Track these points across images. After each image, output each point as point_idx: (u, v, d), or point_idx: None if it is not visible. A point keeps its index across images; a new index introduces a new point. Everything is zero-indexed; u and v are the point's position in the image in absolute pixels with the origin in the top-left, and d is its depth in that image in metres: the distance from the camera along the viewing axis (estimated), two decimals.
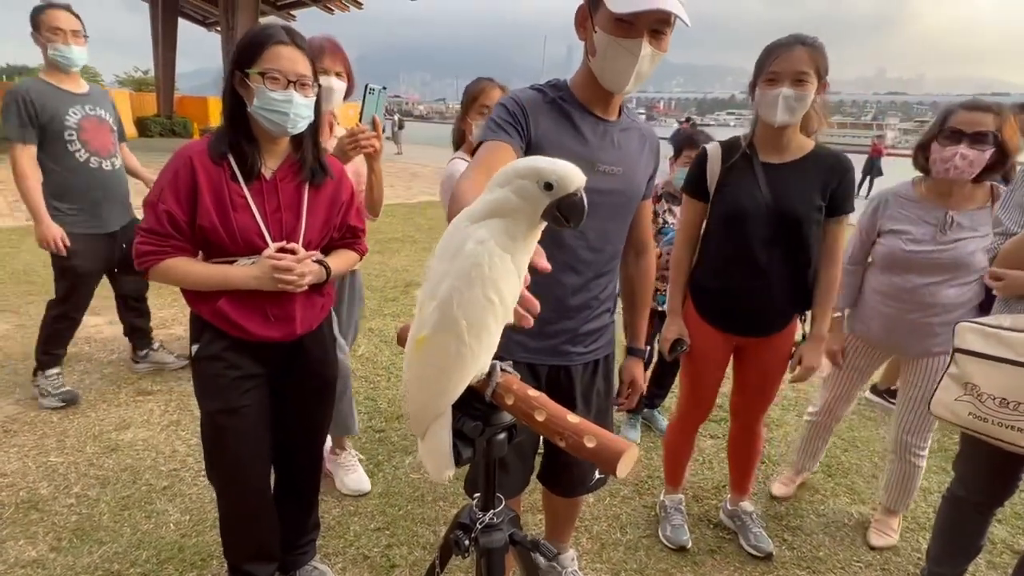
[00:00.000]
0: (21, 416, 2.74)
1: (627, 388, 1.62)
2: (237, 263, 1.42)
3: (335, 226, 1.58)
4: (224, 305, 1.42)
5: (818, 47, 1.63)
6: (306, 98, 1.39)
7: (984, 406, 1.48)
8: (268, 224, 1.42)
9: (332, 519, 2.17)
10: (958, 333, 1.54)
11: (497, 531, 0.77)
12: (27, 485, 2.25)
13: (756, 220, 1.74)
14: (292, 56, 1.36)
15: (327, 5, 18.33)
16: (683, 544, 2.10)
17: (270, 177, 1.44)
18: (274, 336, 1.47)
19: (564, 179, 0.69)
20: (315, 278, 1.49)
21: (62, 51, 2.51)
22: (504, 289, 0.71)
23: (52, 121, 2.50)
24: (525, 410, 0.74)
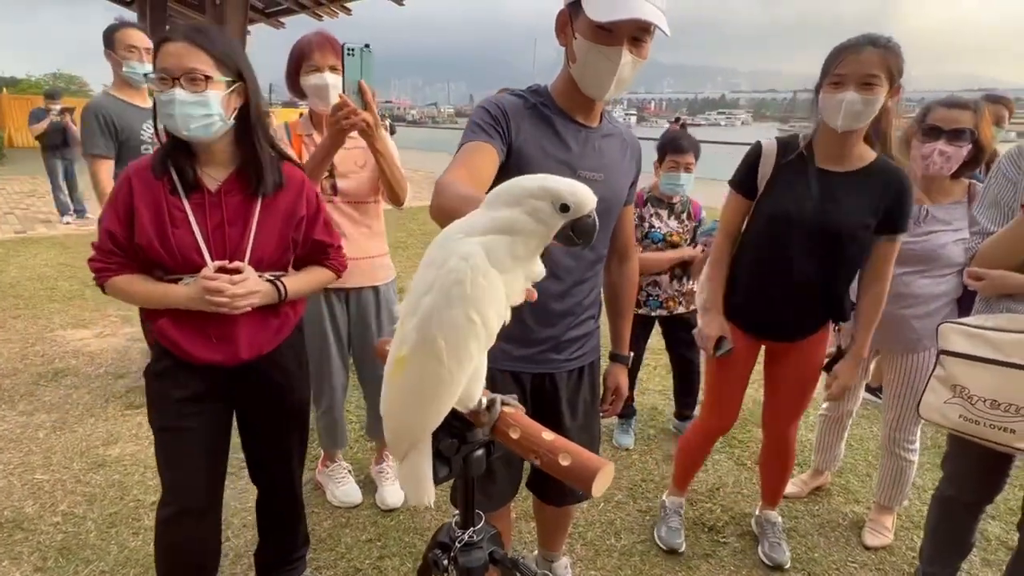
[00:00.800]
0: (7, 433, 2.70)
1: (611, 395, 1.60)
2: (182, 281, 1.35)
3: (297, 241, 1.48)
4: (165, 324, 1.37)
5: (891, 48, 1.51)
6: (196, 94, 1.24)
7: (975, 408, 1.47)
8: (209, 240, 1.34)
9: (323, 531, 2.15)
10: (942, 334, 1.54)
11: (477, 549, 0.76)
12: (12, 504, 2.22)
13: (799, 227, 1.66)
14: (179, 51, 1.24)
15: (315, 12, 18.29)
16: (675, 547, 2.09)
17: (215, 189, 1.36)
18: (216, 359, 1.39)
19: (581, 201, 0.68)
20: (264, 299, 1.40)
21: (135, 68, 2.60)
22: (487, 310, 0.68)
23: (130, 137, 2.59)
24: (500, 427, 0.72)
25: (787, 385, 1.95)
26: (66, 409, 2.93)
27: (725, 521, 2.29)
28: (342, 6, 19.85)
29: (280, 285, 1.43)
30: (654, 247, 2.62)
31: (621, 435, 2.90)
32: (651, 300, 2.69)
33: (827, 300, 1.77)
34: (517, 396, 0.78)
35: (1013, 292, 1.52)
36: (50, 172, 7.59)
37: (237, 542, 2.05)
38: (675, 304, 2.70)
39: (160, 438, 1.46)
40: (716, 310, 1.90)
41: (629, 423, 2.95)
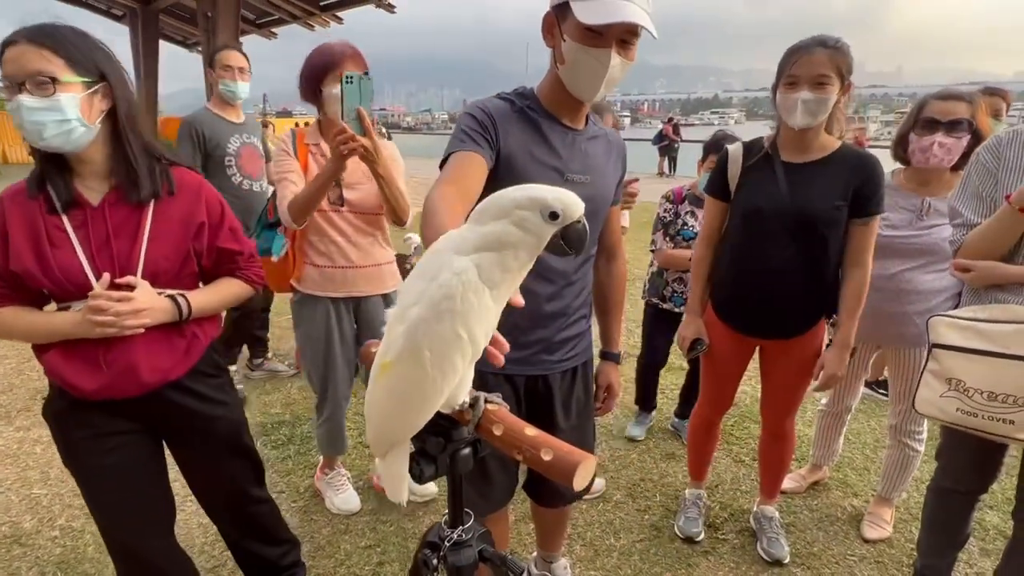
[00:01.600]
0: (4, 449, 2.69)
1: (603, 393, 1.61)
2: (73, 307, 1.22)
3: (199, 251, 1.35)
4: (53, 358, 1.23)
5: (840, 48, 1.59)
6: (45, 99, 1.11)
7: (972, 401, 1.46)
8: (95, 258, 1.21)
9: (323, 538, 2.15)
10: (932, 328, 1.54)
11: (466, 548, 0.76)
12: (9, 519, 2.21)
13: (773, 218, 1.72)
14: (20, 55, 1.11)
15: (307, 22, 18.35)
16: (691, 535, 2.13)
17: (97, 203, 1.23)
18: (112, 392, 1.25)
19: (569, 208, 0.68)
20: (161, 317, 1.26)
21: (230, 86, 2.84)
22: (475, 326, 0.69)
23: (216, 148, 2.82)
24: (484, 425, 0.73)
25: (781, 381, 1.97)
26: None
27: (724, 518, 2.30)
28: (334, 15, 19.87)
29: (180, 300, 1.30)
30: (685, 244, 2.63)
31: (634, 427, 2.93)
32: (675, 296, 2.69)
33: (812, 291, 1.79)
34: (500, 395, 0.78)
35: (1002, 282, 1.53)
36: None
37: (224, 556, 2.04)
38: None
39: (77, 479, 1.34)
40: (694, 312, 1.98)
41: (647, 417, 2.98)
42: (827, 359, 1.81)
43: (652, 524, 2.26)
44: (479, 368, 1.33)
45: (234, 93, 2.87)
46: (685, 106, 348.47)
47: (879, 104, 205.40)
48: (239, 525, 1.63)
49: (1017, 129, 1.53)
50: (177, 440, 1.46)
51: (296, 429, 2.89)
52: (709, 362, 2.04)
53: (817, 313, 1.84)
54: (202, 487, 1.55)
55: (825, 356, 1.82)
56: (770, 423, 2.08)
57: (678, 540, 2.16)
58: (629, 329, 4.13)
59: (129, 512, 1.37)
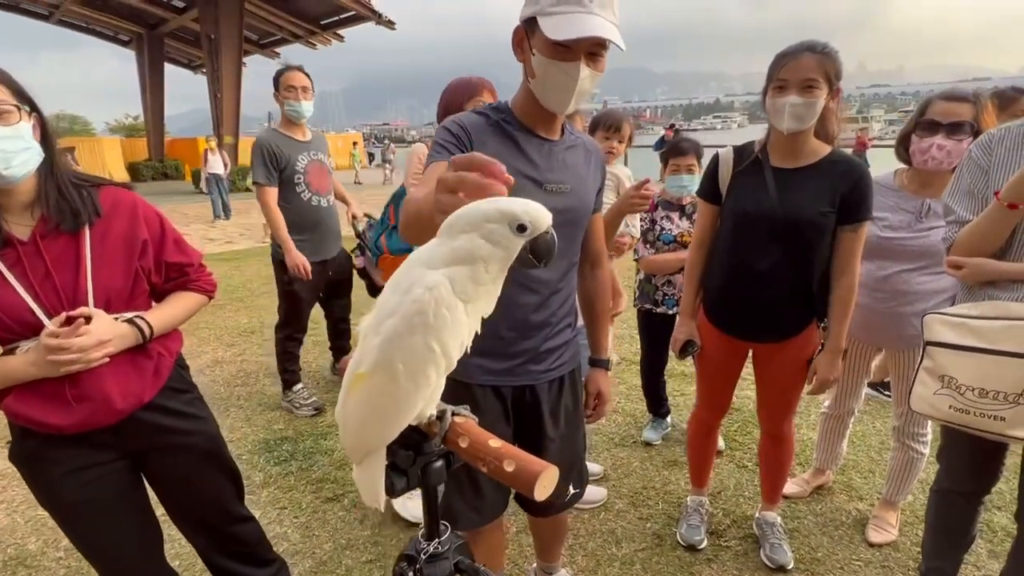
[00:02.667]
0: (9, 471, 2.71)
1: (593, 400, 1.61)
2: (20, 347, 1.18)
3: (147, 269, 1.32)
4: (11, 403, 1.18)
5: (828, 53, 1.60)
6: (9, 127, 1.10)
7: (964, 398, 1.46)
8: (39, 295, 1.16)
9: (324, 554, 2.15)
10: (927, 325, 1.54)
11: (442, 560, 0.76)
12: (15, 541, 2.23)
13: (760, 223, 1.74)
14: None
15: (309, 40, 18.67)
16: (693, 543, 2.11)
17: (28, 238, 1.18)
18: (86, 424, 1.22)
19: (537, 220, 0.68)
20: (122, 343, 1.24)
21: (294, 106, 2.95)
22: (447, 339, 0.69)
23: (287, 167, 2.95)
24: (450, 437, 0.74)
25: (774, 384, 1.97)
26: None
27: (727, 524, 2.28)
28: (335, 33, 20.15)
29: (140, 323, 1.28)
30: (666, 248, 2.66)
31: (649, 431, 2.94)
32: (667, 299, 2.71)
33: (799, 295, 1.79)
34: (468, 408, 0.79)
35: (994, 279, 1.52)
36: None
37: None
38: None
39: (59, 518, 1.31)
40: (687, 315, 2.00)
41: (662, 422, 2.99)
42: (819, 363, 1.81)
43: (654, 532, 2.24)
44: (466, 381, 1.35)
45: (298, 112, 2.96)
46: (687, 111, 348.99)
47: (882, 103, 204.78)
48: (220, 546, 1.59)
49: (1008, 126, 1.53)
50: (155, 461, 1.42)
51: (298, 445, 2.90)
52: (703, 365, 2.06)
53: (806, 316, 1.83)
54: (182, 508, 1.52)
55: (818, 361, 1.82)
56: (768, 426, 2.08)
57: (680, 548, 2.14)
58: (631, 336, 4.12)
59: (118, 544, 1.35)
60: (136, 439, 1.34)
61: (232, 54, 16.40)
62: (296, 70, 2.98)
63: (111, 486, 1.33)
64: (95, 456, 1.29)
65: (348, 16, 17.02)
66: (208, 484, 1.51)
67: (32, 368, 1.16)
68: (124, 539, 1.37)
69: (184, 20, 17.92)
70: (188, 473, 1.46)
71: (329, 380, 3.70)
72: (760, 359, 1.97)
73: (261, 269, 6.88)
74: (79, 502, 1.28)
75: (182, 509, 1.53)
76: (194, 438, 1.44)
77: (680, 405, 3.25)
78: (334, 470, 2.68)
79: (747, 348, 1.96)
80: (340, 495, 2.49)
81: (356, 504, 2.41)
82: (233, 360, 4.10)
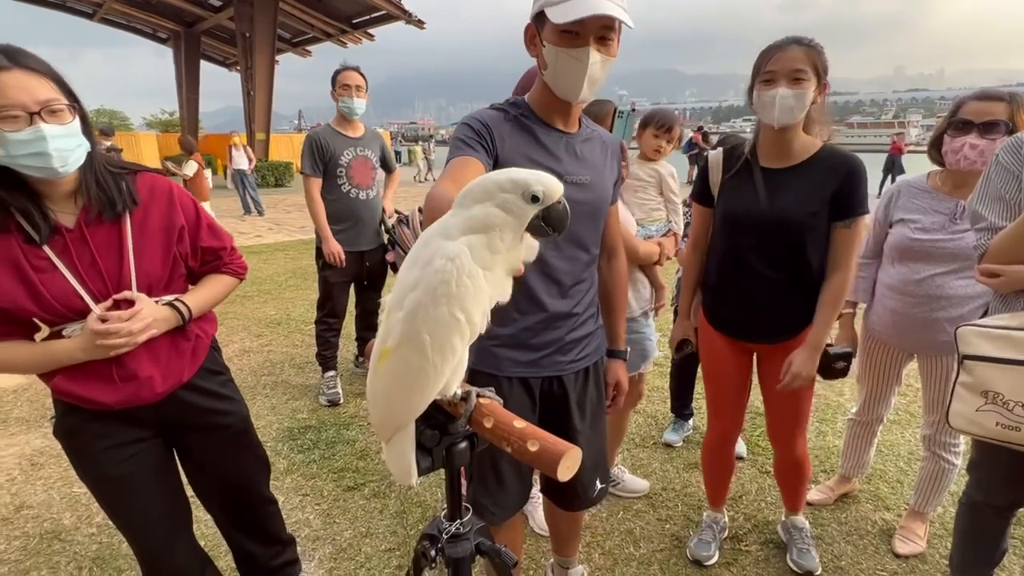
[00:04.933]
0: (48, 449, 2.83)
1: (612, 390, 1.61)
2: (66, 330, 1.23)
3: (185, 254, 1.37)
4: (60, 382, 1.23)
5: (814, 46, 1.59)
6: (64, 125, 1.13)
7: (1013, 414, 1.39)
8: (85, 280, 1.21)
9: (344, 541, 2.18)
10: (962, 338, 1.46)
11: (464, 540, 0.78)
12: (51, 516, 2.32)
13: (750, 225, 1.73)
14: (22, 82, 1.08)
15: (340, 39, 18.94)
16: (699, 559, 2.06)
17: (73, 226, 1.22)
18: (130, 401, 1.28)
19: (549, 189, 0.71)
20: (166, 326, 1.30)
21: (347, 103, 3.12)
22: (471, 308, 0.71)
23: (331, 160, 3.12)
24: (475, 418, 0.75)
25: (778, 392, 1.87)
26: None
27: (748, 529, 2.25)
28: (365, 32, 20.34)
29: (180, 306, 1.33)
30: None
31: (670, 433, 2.92)
32: None
33: (793, 295, 1.76)
34: (493, 390, 0.80)
35: None
36: None
37: None
38: None
39: (99, 492, 1.37)
40: (683, 315, 2.02)
41: (684, 424, 2.97)
42: (794, 357, 1.74)
43: (673, 534, 2.22)
44: (494, 372, 1.36)
45: (351, 109, 3.13)
46: (716, 114, 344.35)
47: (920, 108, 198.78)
48: (243, 524, 1.65)
49: None
50: (189, 439, 1.47)
51: (322, 434, 2.95)
52: (708, 373, 2.01)
53: (805, 317, 1.78)
54: (210, 485, 1.57)
55: (794, 354, 1.75)
56: (780, 446, 2.01)
57: None
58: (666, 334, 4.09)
59: (153, 518, 1.41)
60: (174, 417, 1.40)
61: (266, 52, 16.72)
62: (352, 70, 3.14)
63: (148, 462, 1.38)
64: (135, 432, 1.35)
65: (379, 16, 17.22)
66: (237, 464, 1.57)
67: (80, 353, 1.21)
68: (157, 513, 1.41)
69: (220, 18, 18.34)
70: (220, 452, 1.51)
71: (352, 373, 3.76)
72: (763, 363, 1.92)
73: (289, 263, 7.01)
74: (118, 476, 1.34)
75: (209, 486, 1.58)
76: (227, 418, 1.50)
77: (703, 409, 3.21)
78: (356, 459, 2.72)
79: (750, 352, 1.92)
80: (361, 484, 2.53)
81: (377, 493, 2.44)
82: (260, 350, 4.19)
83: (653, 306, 2.39)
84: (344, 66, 3.17)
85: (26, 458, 2.74)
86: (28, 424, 3.08)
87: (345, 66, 3.17)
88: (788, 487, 2.11)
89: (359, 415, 3.19)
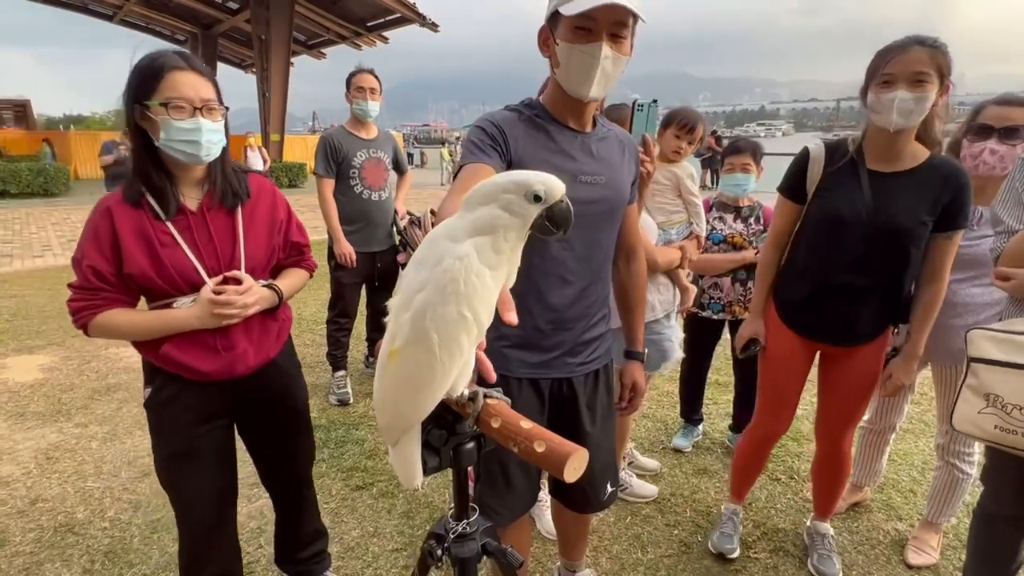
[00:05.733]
0: (63, 444, 2.87)
1: (628, 392, 1.60)
2: (175, 303, 1.36)
3: (279, 245, 1.54)
4: (170, 349, 1.36)
5: (939, 47, 1.51)
6: (215, 123, 1.34)
7: (1011, 417, 1.39)
8: (202, 257, 1.37)
9: (352, 540, 2.19)
10: (971, 341, 1.46)
11: (470, 541, 0.78)
12: (65, 510, 2.35)
13: (854, 229, 1.66)
14: (193, 82, 1.30)
15: (355, 42, 19.06)
16: (722, 551, 2.08)
17: (196, 209, 1.39)
18: (227, 372, 1.42)
19: (551, 189, 0.73)
20: (265, 304, 1.46)
21: (361, 105, 3.15)
22: (479, 306, 0.72)
23: (344, 161, 3.15)
24: (483, 418, 0.75)
25: (842, 391, 1.89)
26: (116, 421, 3.10)
27: (757, 536, 2.23)
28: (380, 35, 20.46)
29: (277, 289, 1.50)
30: (715, 248, 2.60)
31: (680, 438, 2.90)
32: (713, 304, 2.66)
33: (886, 302, 1.73)
34: (500, 390, 0.80)
35: None
36: None
37: (270, 549, 2.12)
38: (740, 309, 2.63)
39: (168, 465, 1.48)
40: (756, 313, 1.96)
41: (694, 430, 2.94)
42: (894, 367, 1.76)
43: (681, 540, 2.21)
44: (504, 374, 1.36)
45: (365, 111, 3.16)
46: (730, 118, 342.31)
47: None
48: (290, 503, 1.79)
49: None
50: (261, 416, 1.59)
51: (331, 433, 2.97)
52: (767, 368, 1.97)
53: (886, 322, 1.78)
54: (271, 460, 1.69)
55: (893, 364, 1.77)
56: (827, 439, 1.99)
57: (707, 557, 2.11)
58: None
59: (209, 496, 1.52)
60: (254, 395, 1.53)
61: (281, 54, 16.88)
62: (367, 73, 3.17)
63: (218, 441, 1.52)
64: (215, 410, 1.48)
65: (393, 18, 17.32)
66: (296, 443, 1.70)
67: (195, 320, 1.35)
68: (214, 492, 1.53)
69: (237, 21, 18.54)
70: (284, 429, 1.65)
71: (362, 373, 3.78)
72: (828, 364, 1.90)
73: None
74: (192, 450, 1.46)
75: (269, 462, 1.70)
76: (296, 399, 1.65)
77: (712, 414, 3.20)
78: (364, 459, 2.74)
79: (815, 350, 1.90)
80: (369, 484, 2.54)
81: (384, 493, 2.45)
82: None
83: (678, 309, 2.35)
84: (359, 69, 3.20)
85: (41, 452, 2.79)
86: (44, 418, 3.14)
87: (360, 69, 3.20)
88: (824, 486, 2.09)
89: (368, 415, 3.21)
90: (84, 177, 18.04)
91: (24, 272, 6.61)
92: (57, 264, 7.01)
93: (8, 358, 4.01)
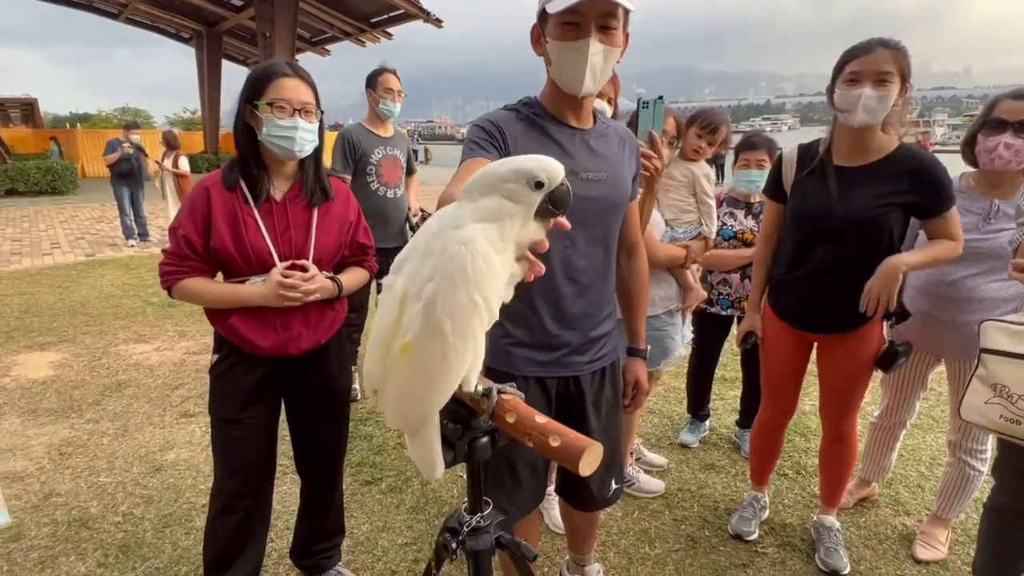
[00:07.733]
0: (75, 439, 2.91)
1: (631, 389, 1.60)
2: (248, 281, 1.52)
3: (345, 244, 1.67)
4: (236, 322, 1.52)
5: (901, 49, 1.62)
6: (310, 124, 1.50)
7: (1015, 407, 1.40)
8: (277, 243, 1.52)
9: (361, 535, 2.21)
10: (984, 332, 1.47)
11: (484, 534, 0.79)
12: (79, 504, 2.38)
13: (823, 221, 1.77)
14: (296, 86, 1.48)
15: (359, 38, 19.05)
16: (740, 534, 2.17)
17: (280, 199, 1.55)
18: (282, 349, 1.55)
19: (552, 173, 0.74)
20: (326, 293, 1.58)
21: (389, 106, 3.19)
22: (488, 291, 0.73)
23: (362, 158, 3.18)
24: (498, 413, 0.76)
25: (835, 378, 1.95)
26: (128, 417, 3.14)
27: (764, 531, 2.23)
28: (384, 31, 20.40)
29: (338, 282, 1.62)
30: (725, 244, 2.61)
31: (687, 434, 2.91)
32: (721, 300, 2.66)
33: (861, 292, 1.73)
34: (515, 385, 0.81)
35: None
36: (118, 199, 8.12)
37: (280, 543, 2.14)
38: None
39: (220, 428, 1.62)
40: (752, 308, 2.07)
41: (701, 425, 2.95)
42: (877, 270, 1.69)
43: (688, 535, 2.22)
44: (512, 372, 1.37)
45: (391, 112, 3.21)
46: (735, 113, 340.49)
47: (946, 107, 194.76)
48: (319, 490, 1.86)
49: None
50: (306, 398, 1.71)
51: None
52: (767, 361, 2.08)
53: None
54: (308, 443, 1.79)
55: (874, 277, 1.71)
56: (829, 424, 2.05)
57: (714, 552, 2.12)
58: None
59: (253, 463, 1.64)
60: (304, 377, 1.65)
61: (286, 51, 16.88)
62: (393, 74, 3.21)
63: (265, 412, 1.64)
64: (269, 381, 1.60)
65: (397, 15, 17.29)
66: (335, 429, 1.80)
67: (261, 298, 1.49)
68: (258, 459, 1.65)
69: (241, 18, 18.55)
70: (326, 414, 1.76)
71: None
72: (823, 353, 1.97)
73: None
74: (243, 419, 1.59)
75: (306, 445, 1.80)
76: (340, 386, 1.76)
77: (720, 410, 3.20)
78: (372, 455, 2.76)
79: (811, 342, 1.98)
80: (378, 479, 2.56)
81: (393, 488, 2.47)
82: None
83: (680, 306, 2.35)
84: (384, 68, 3.21)
85: (55, 447, 2.82)
86: (56, 415, 3.17)
87: (385, 68, 3.21)
88: (830, 472, 2.12)
89: (377, 411, 3.23)
90: (91, 175, 18.16)
91: (34, 270, 6.66)
92: (66, 262, 7.07)
93: (19, 355, 4.05)
